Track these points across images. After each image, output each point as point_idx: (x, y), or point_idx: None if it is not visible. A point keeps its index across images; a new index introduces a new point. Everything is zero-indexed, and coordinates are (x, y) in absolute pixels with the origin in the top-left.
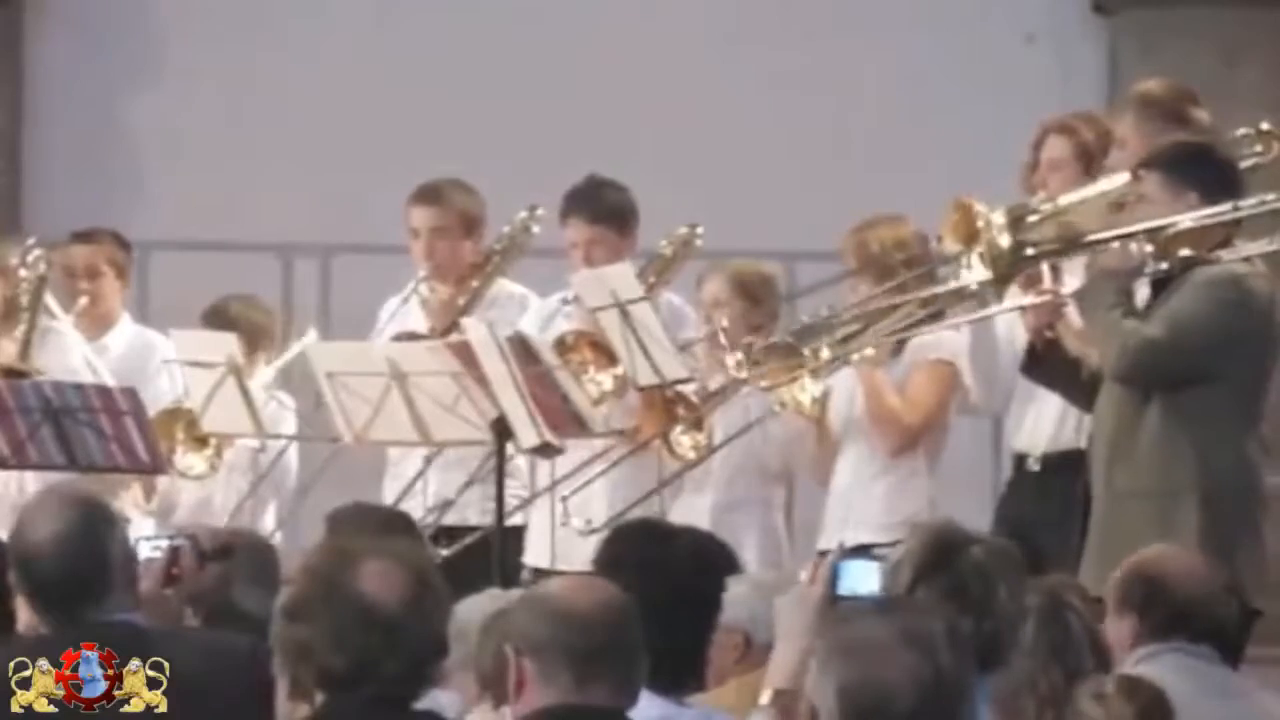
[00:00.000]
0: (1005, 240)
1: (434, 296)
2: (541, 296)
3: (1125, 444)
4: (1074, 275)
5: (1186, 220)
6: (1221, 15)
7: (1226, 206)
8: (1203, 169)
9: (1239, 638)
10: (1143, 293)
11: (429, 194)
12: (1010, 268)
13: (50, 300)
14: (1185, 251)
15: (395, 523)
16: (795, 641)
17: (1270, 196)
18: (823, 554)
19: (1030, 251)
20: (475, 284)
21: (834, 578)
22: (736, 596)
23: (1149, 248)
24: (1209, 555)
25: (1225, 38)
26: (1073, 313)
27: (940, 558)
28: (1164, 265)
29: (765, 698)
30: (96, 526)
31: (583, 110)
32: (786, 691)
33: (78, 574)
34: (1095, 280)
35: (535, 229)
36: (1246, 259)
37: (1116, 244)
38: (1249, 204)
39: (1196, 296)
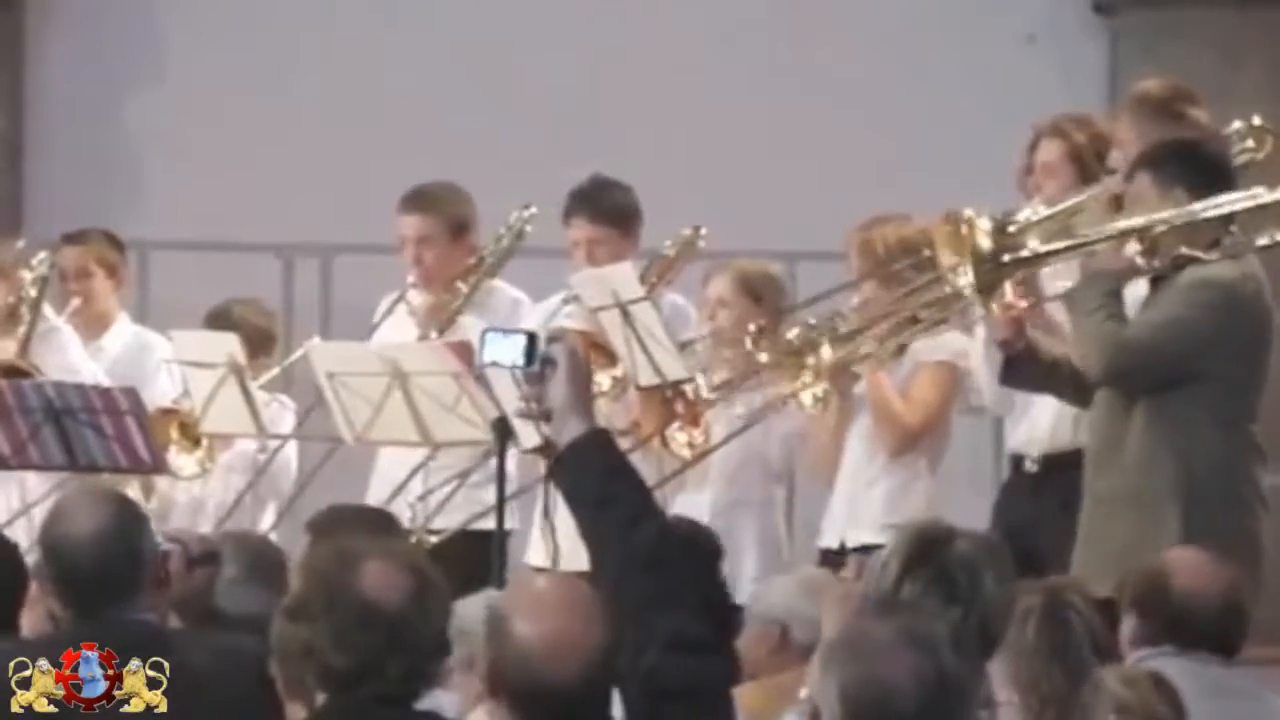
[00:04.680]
0: (987, 244)
1: (422, 303)
2: (541, 297)
3: (1112, 448)
4: (1064, 278)
5: (1160, 219)
6: (1222, 15)
7: (1199, 205)
8: (1189, 165)
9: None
10: (1140, 291)
11: (415, 201)
12: (991, 274)
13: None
14: (1185, 250)
15: (379, 523)
16: None
17: (1258, 191)
18: (824, 553)
19: (1007, 258)
20: (463, 287)
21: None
22: (778, 588)
23: (1137, 248)
24: None
25: (1226, 38)
26: (1057, 313)
27: (926, 552)
28: (1156, 264)
29: (804, 692)
30: (132, 525)
31: (585, 110)
32: None
33: (114, 572)
34: (1083, 282)
35: (529, 228)
36: (1237, 258)
37: (1102, 246)
38: (1230, 200)
39: (1175, 300)
